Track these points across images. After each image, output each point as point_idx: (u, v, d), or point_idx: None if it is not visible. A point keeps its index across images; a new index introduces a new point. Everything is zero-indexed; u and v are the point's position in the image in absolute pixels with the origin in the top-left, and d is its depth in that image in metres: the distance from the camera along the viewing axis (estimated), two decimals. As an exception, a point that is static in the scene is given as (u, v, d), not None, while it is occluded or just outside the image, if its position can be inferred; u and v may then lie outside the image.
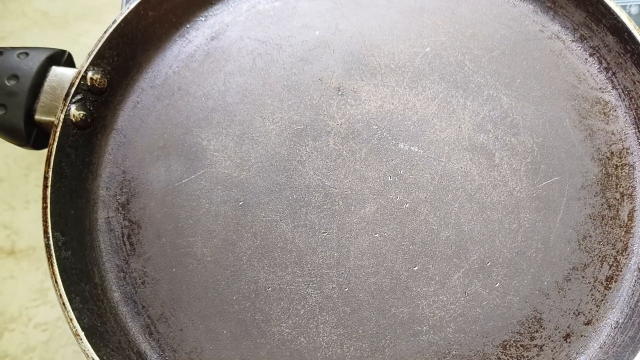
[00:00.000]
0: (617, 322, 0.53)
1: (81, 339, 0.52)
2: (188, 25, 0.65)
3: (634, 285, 0.54)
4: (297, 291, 0.55)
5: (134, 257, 0.58)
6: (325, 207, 0.57)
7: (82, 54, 0.61)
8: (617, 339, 0.52)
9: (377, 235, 0.56)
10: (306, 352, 0.54)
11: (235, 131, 0.60)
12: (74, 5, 0.88)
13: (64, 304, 0.54)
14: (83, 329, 0.53)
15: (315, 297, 0.55)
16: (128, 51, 0.62)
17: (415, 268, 0.55)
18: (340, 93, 0.61)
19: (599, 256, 0.55)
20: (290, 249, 0.57)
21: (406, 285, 0.55)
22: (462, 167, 0.58)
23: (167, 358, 0.55)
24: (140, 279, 0.57)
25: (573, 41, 0.60)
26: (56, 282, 0.54)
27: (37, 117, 0.60)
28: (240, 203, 0.58)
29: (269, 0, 0.65)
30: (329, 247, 0.56)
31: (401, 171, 0.58)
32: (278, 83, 0.62)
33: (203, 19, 0.65)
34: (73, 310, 0.53)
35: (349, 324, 0.54)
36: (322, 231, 0.57)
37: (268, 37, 0.63)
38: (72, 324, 0.53)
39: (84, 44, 0.83)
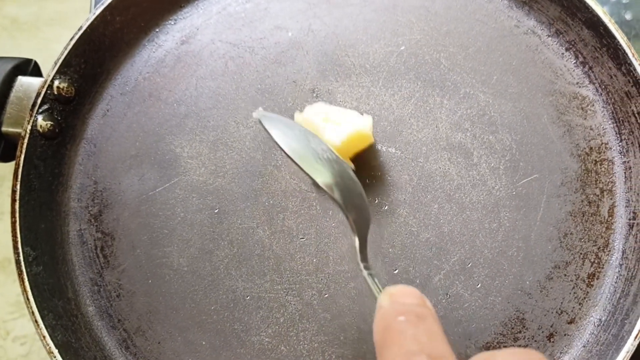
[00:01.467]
0: (600, 319, 0.52)
1: (55, 357, 0.51)
2: (157, 30, 0.63)
3: (615, 282, 0.53)
4: (276, 299, 0.54)
5: (108, 270, 0.56)
6: (302, 212, 0.56)
7: (53, 60, 0.59)
8: (601, 337, 0.51)
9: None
10: (287, 361, 0.53)
11: (209, 137, 0.59)
12: (44, 10, 0.86)
13: (36, 321, 0.52)
14: (57, 346, 0.52)
15: (294, 304, 0.54)
16: (96, 58, 0.61)
17: (396, 271, 0.54)
18: (315, 95, 0.60)
19: (581, 253, 0.54)
20: (268, 256, 0.55)
21: (387, 290, 0.54)
22: (440, 167, 0.57)
23: (145, 372, 0.54)
24: (115, 292, 0.56)
25: (549, 36, 0.60)
26: (28, 299, 0.52)
27: (4, 128, 0.58)
28: (216, 211, 0.57)
29: (239, 2, 0.63)
30: (308, 253, 0.55)
31: (379, 173, 0.57)
32: (251, 87, 0.60)
33: (172, 23, 0.63)
34: (46, 327, 0.52)
35: (330, 331, 0.53)
36: (300, 237, 0.56)
37: (240, 39, 0.62)
38: (46, 342, 0.51)
39: (55, 50, 0.81)
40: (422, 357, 0.35)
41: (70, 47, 0.59)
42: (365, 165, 0.57)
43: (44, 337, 0.52)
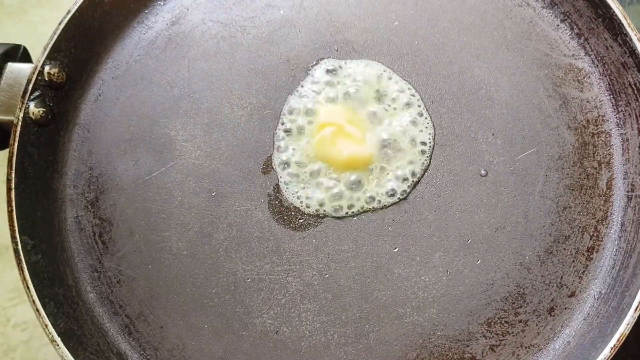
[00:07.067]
0: (600, 292, 0.53)
1: (58, 345, 0.51)
2: (147, 11, 0.62)
3: (614, 255, 0.53)
4: (277, 280, 0.54)
5: (107, 256, 0.56)
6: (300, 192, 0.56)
7: (42, 43, 0.58)
8: (601, 309, 0.52)
9: (355, 218, 0.55)
10: (290, 341, 0.53)
11: (204, 119, 0.59)
12: (29, -8, 0.85)
13: (37, 310, 0.52)
14: (59, 334, 0.52)
15: (295, 285, 0.54)
16: (85, 42, 0.60)
17: (396, 250, 0.54)
18: (308, 74, 0.59)
19: (580, 227, 0.54)
20: (267, 237, 0.55)
21: (387, 268, 0.54)
22: (437, 143, 0.56)
23: (148, 357, 0.54)
24: (115, 278, 0.56)
25: (543, 7, 0.59)
26: (28, 288, 0.52)
27: (-4, 116, 0.58)
28: (214, 193, 0.57)
29: (229, -20, 0.62)
30: (307, 233, 0.55)
31: (376, 151, 0.57)
32: (244, 67, 0.60)
33: (162, 3, 0.62)
34: (48, 315, 0.52)
35: (331, 311, 0.54)
36: (299, 217, 0.56)
37: (231, 18, 0.61)
38: (48, 330, 0.51)
39: (43, 33, 0.80)
40: None
41: (59, 31, 0.58)
42: (362, 143, 0.57)
43: (45, 325, 0.52)
